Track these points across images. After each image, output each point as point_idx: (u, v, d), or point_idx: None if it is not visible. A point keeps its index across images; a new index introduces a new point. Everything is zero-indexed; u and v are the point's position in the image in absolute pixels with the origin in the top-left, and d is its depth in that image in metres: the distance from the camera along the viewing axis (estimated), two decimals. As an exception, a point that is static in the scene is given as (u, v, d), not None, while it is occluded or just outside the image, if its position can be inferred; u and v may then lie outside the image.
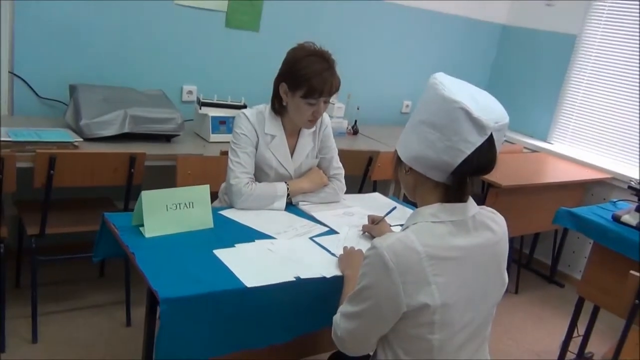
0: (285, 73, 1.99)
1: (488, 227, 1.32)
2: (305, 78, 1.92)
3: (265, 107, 2.10)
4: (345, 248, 1.74)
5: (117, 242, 1.70)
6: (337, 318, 1.39)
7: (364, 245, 1.73)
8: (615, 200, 2.91)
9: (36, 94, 2.83)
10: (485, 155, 1.21)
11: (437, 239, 1.24)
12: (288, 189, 2.06)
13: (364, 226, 1.97)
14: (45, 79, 2.83)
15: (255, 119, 2.06)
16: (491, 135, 1.21)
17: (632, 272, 1.99)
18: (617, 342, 2.10)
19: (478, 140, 1.20)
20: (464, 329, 1.29)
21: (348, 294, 1.43)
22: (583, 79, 4.12)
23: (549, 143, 4.30)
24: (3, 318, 2.34)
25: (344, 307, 1.35)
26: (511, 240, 3.75)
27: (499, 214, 1.38)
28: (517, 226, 3.45)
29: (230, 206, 2.03)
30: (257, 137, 2.06)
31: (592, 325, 2.89)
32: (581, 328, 2.90)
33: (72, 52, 2.87)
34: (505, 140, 4.11)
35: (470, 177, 1.26)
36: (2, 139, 2.21)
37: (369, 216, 2.01)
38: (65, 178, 2.30)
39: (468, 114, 1.19)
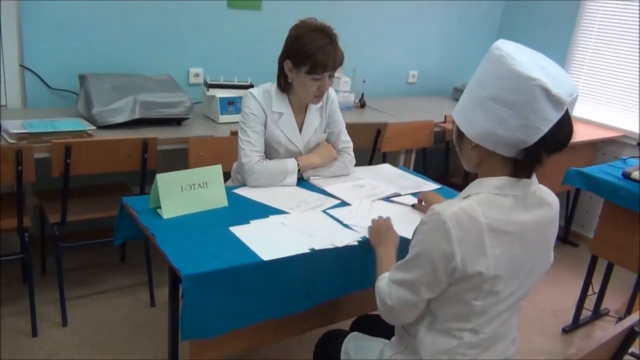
0: (289, 50, 2.01)
1: (546, 203, 1.32)
2: (308, 54, 1.94)
3: (272, 86, 2.13)
4: (374, 220, 1.72)
5: (136, 225, 1.76)
6: (383, 286, 1.39)
7: (375, 215, 1.77)
8: (625, 157, 2.92)
9: (47, 85, 2.88)
10: (562, 131, 1.19)
11: (500, 212, 1.24)
12: (298, 164, 2.10)
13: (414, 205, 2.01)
14: (54, 70, 2.88)
15: (263, 97, 2.09)
16: (567, 110, 1.19)
17: (642, 227, 2.01)
18: (629, 296, 2.14)
19: (555, 117, 1.18)
20: (506, 299, 1.32)
21: (383, 270, 1.46)
22: (591, 38, 4.07)
23: (558, 104, 4.27)
24: (34, 304, 2.43)
25: (394, 275, 1.35)
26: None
27: (552, 192, 1.37)
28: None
29: (243, 184, 2.08)
30: (265, 115, 2.10)
31: (606, 282, 2.94)
32: (596, 285, 2.95)
33: (79, 42, 2.91)
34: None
35: (546, 153, 1.22)
36: (17, 131, 2.27)
37: (419, 195, 2.02)
38: (81, 166, 2.36)
39: (546, 91, 1.15)
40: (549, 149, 1.21)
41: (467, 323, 1.31)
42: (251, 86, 3.08)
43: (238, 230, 1.67)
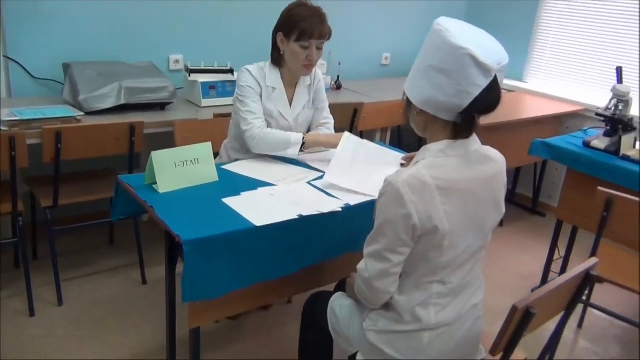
0: (280, 23, 2.18)
1: (490, 159, 1.48)
2: (297, 22, 2.10)
3: (266, 63, 2.27)
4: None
5: (133, 201, 1.88)
6: (360, 265, 1.51)
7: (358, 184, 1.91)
8: (586, 128, 3.12)
9: (31, 75, 2.94)
10: (491, 95, 1.35)
11: (445, 172, 1.39)
12: (304, 139, 2.20)
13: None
14: (38, 60, 2.94)
15: (257, 73, 2.23)
16: (495, 76, 1.34)
17: (599, 188, 2.20)
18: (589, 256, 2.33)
19: (484, 83, 1.32)
20: (465, 251, 1.47)
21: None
22: (553, 15, 4.27)
23: (525, 82, 4.48)
24: (30, 285, 2.52)
25: (366, 250, 1.48)
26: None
27: (497, 150, 1.54)
28: (498, 162, 3.67)
29: (234, 161, 2.22)
30: (261, 88, 2.23)
31: (571, 245, 3.13)
32: (562, 250, 3.14)
33: (61, 31, 2.97)
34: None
35: (478, 115, 1.39)
36: (9, 118, 2.35)
37: (404, 157, 2.21)
38: (71, 151, 2.45)
39: (475, 59, 1.30)
40: (480, 112, 1.38)
41: (434, 276, 1.47)
42: (231, 71, 3.19)
43: (230, 201, 1.80)
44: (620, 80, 2.68)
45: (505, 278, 3.24)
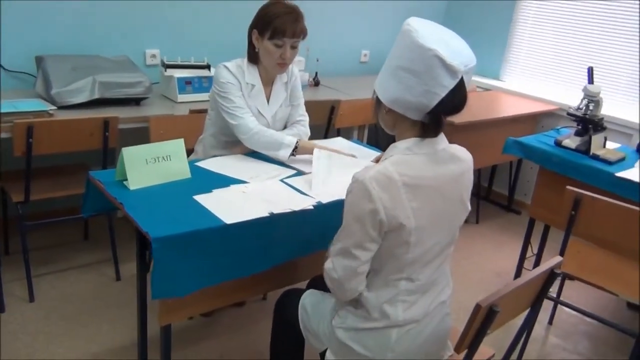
0: (255, 20, 2.17)
1: (457, 158, 1.51)
2: (271, 20, 2.10)
3: (243, 60, 2.26)
4: None
5: (103, 197, 1.86)
6: (327, 265, 1.52)
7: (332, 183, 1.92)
8: (559, 127, 3.16)
9: (2, 67, 2.90)
10: (457, 96, 1.38)
11: (411, 169, 1.42)
12: (298, 143, 2.18)
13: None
14: (10, 52, 2.89)
15: (236, 70, 2.22)
16: (462, 78, 1.37)
17: (568, 187, 2.23)
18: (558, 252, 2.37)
19: (451, 84, 1.35)
20: (432, 248, 1.50)
21: None
22: (529, 15, 4.32)
23: (501, 81, 4.53)
24: (0, 281, 2.49)
25: (334, 248, 1.50)
26: (470, 174, 4.02)
27: (466, 150, 1.58)
28: (476, 160, 3.69)
29: (208, 157, 2.21)
30: (240, 85, 2.22)
31: (544, 243, 3.18)
32: (535, 247, 3.19)
33: (35, 23, 2.93)
34: (460, 81, 4.32)
35: (444, 115, 1.42)
36: (-21, 112, 2.31)
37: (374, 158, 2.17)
38: (43, 146, 2.42)
39: (442, 60, 1.33)
40: (447, 112, 1.41)
41: (401, 273, 1.49)
42: (208, 66, 3.18)
43: (201, 199, 1.80)
44: (591, 80, 2.72)
45: (479, 275, 3.28)
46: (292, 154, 2.18)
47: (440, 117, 1.42)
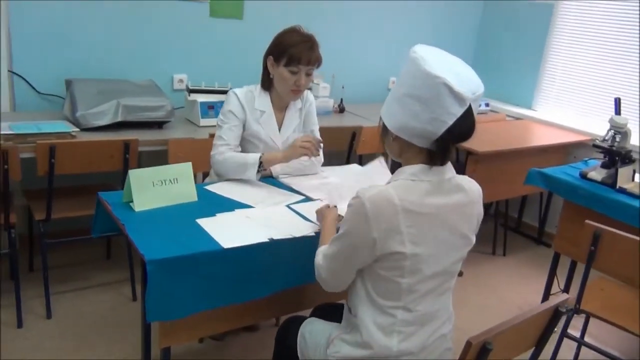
0: (271, 47, 2.22)
1: (462, 189, 1.48)
2: (287, 47, 2.14)
3: (256, 87, 2.30)
4: (321, 207, 1.91)
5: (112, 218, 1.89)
6: (319, 260, 1.58)
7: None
8: (586, 159, 3.06)
9: (35, 90, 3.02)
10: (465, 124, 1.35)
11: (414, 195, 1.40)
12: (261, 159, 2.17)
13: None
14: (43, 75, 3.02)
15: (245, 96, 2.26)
16: (470, 105, 1.35)
17: (587, 221, 2.14)
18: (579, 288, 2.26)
19: (459, 111, 1.34)
20: (431, 278, 1.46)
21: (325, 239, 1.65)
22: (562, 45, 4.23)
23: (533, 110, 4.43)
24: (19, 297, 2.56)
25: (325, 249, 1.55)
26: (497, 205, 3.91)
27: (474, 181, 1.54)
28: (501, 191, 3.62)
29: (220, 180, 2.24)
30: (245, 113, 2.25)
31: (570, 278, 3.05)
32: (563, 282, 3.06)
33: (67, 48, 3.05)
34: (490, 110, 4.26)
35: (452, 143, 1.40)
36: (5, 132, 2.41)
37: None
38: (65, 166, 2.50)
39: (449, 88, 1.31)
40: (455, 139, 1.38)
41: (398, 301, 1.44)
42: (231, 91, 3.23)
43: (204, 222, 1.80)
44: (618, 111, 2.63)
45: (502, 309, 3.17)
46: (260, 170, 2.18)
47: (448, 144, 1.40)
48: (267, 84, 2.28)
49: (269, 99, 2.30)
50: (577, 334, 2.71)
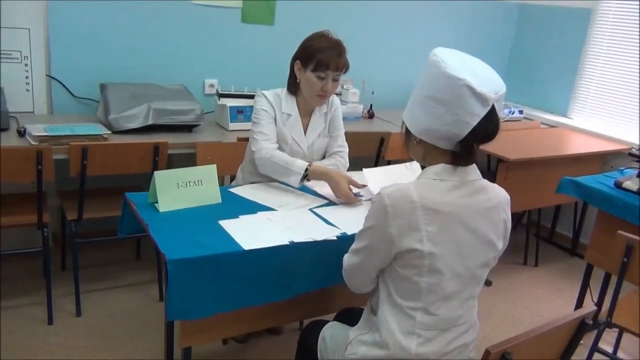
0: (299, 52, 2.23)
1: (486, 192, 1.46)
2: (314, 53, 2.14)
3: (282, 90, 2.32)
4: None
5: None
6: (345, 257, 1.61)
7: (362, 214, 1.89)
8: (623, 168, 2.96)
9: (71, 94, 3.11)
10: (489, 124, 1.36)
11: (434, 194, 1.39)
12: (308, 168, 2.15)
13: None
14: (78, 79, 3.10)
15: (273, 99, 2.28)
16: (493, 105, 1.35)
17: (619, 232, 2.07)
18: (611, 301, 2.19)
19: (482, 112, 1.34)
20: (452, 279, 1.43)
21: None
22: (601, 51, 4.12)
23: (569, 118, 4.33)
24: (50, 294, 2.62)
25: (352, 246, 1.56)
26: (529, 214, 3.83)
27: (501, 188, 1.52)
28: (533, 199, 3.54)
29: (246, 183, 2.26)
30: (275, 114, 2.27)
31: (604, 290, 2.95)
32: (596, 295, 2.97)
33: (101, 53, 3.13)
34: (524, 117, 4.18)
35: (477, 144, 1.40)
36: (39, 134, 2.48)
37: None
38: (97, 167, 2.56)
39: (472, 89, 1.32)
40: (479, 140, 1.38)
41: (418, 302, 1.43)
42: (260, 96, 3.26)
43: (226, 224, 1.82)
44: (655, 119, 2.54)
45: (532, 321, 3.09)
46: (304, 179, 2.17)
47: (473, 145, 1.40)
48: (293, 87, 2.29)
49: (295, 103, 2.31)
50: (610, 349, 2.63)
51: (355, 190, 2.12)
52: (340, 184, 2.09)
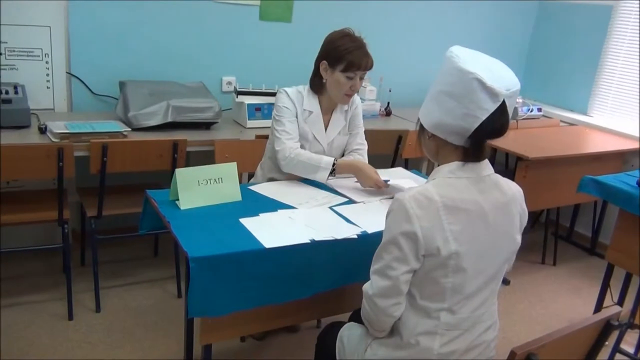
0: (325, 52, 2.22)
1: (499, 187, 1.47)
2: (344, 54, 2.14)
3: (304, 87, 2.32)
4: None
5: (159, 216, 1.94)
6: (367, 284, 1.50)
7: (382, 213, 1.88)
8: (645, 167, 2.92)
9: (91, 91, 3.13)
10: (498, 120, 1.36)
11: (453, 192, 1.40)
12: (335, 163, 2.19)
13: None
14: (98, 77, 3.13)
15: (295, 96, 2.28)
16: (503, 101, 1.35)
17: (643, 232, 2.04)
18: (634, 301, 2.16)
19: (492, 107, 1.35)
20: (476, 277, 1.43)
21: None
22: (621, 49, 4.07)
23: (589, 116, 4.28)
24: (70, 290, 2.65)
25: (373, 267, 1.47)
26: (547, 213, 3.80)
27: (512, 182, 1.52)
28: (551, 198, 3.50)
29: (266, 181, 2.28)
30: (296, 110, 2.27)
31: (625, 291, 2.92)
32: (617, 295, 2.93)
33: (121, 51, 3.15)
34: (543, 115, 4.14)
35: (486, 139, 1.40)
36: (60, 131, 2.50)
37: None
38: (116, 164, 2.57)
39: (482, 83, 1.33)
40: (487, 136, 1.38)
41: (443, 302, 1.42)
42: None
43: (247, 222, 1.82)
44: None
45: (553, 322, 3.06)
46: (332, 175, 2.19)
47: (482, 141, 1.40)
48: (317, 87, 2.28)
49: (317, 100, 2.31)
50: (631, 350, 2.60)
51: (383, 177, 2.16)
52: (368, 171, 2.16)
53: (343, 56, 2.14)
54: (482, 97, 1.33)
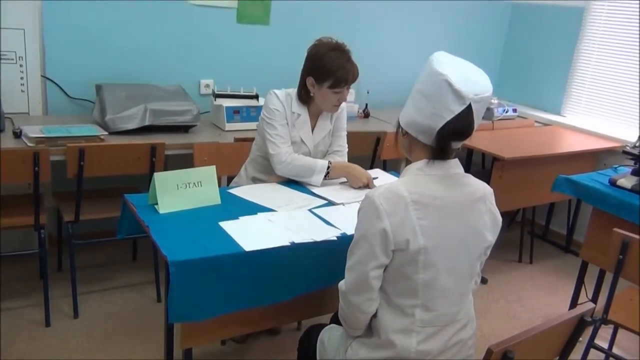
0: (311, 68, 2.21)
1: (468, 185, 1.51)
2: (331, 71, 2.15)
3: (293, 91, 2.33)
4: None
5: (137, 220, 1.93)
6: (342, 281, 1.54)
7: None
8: (617, 165, 2.99)
9: (67, 94, 3.10)
10: (462, 122, 1.40)
11: (421, 187, 1.44)
12: (329, 167, 2.25)
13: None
14: (74, 80, 3.10)
15: (284, 98, 2.29)
16: (470, 105, 1.39)
17: (615, 229, 2.10)
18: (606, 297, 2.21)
19: (457, 109, 1.39)
20: (448, 273, 1.46)
21: None
22: (594, 50, 4.16)
23: (562, 116, 4.36)
24: (47, 296, 2.61)
25: (346, 265, 1.51)
26: (523, 212, 3.85)
27: (482, 181, 1.56)
28: (527, 197, 3.56)
29: (247, 183, 2.31)
30: (286, 112, 2.28)
31: (599, 287, 2.98)
32: (590, 292, 3.00)
33: (97, 54, 3.12)
34: (517, 116, 4.20)
35: (450, 140, 1.44)
36: (36, 135, 2.47)
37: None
38: (94, 168, 2.55)
39: (450, 85, 1.38)
40: (451, 136, 1.42)
41: (416, 299, 1.45)
42: (256, 96, 3.27)
43: (227, 225, 1.82)
44: (649, 117, 2.57)
45: (528, 318, 3.12)
46: (325, 177, 2.24)
47: (446, 141, 1.44)
48: (305, 98, 2.30)
49: (305, 106, 2.33)
50: (605, 345, 2.66)
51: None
52: (359, 170, 2.27)
53: (330, 74, 2.14)
54: (450, 99, 1.38)
